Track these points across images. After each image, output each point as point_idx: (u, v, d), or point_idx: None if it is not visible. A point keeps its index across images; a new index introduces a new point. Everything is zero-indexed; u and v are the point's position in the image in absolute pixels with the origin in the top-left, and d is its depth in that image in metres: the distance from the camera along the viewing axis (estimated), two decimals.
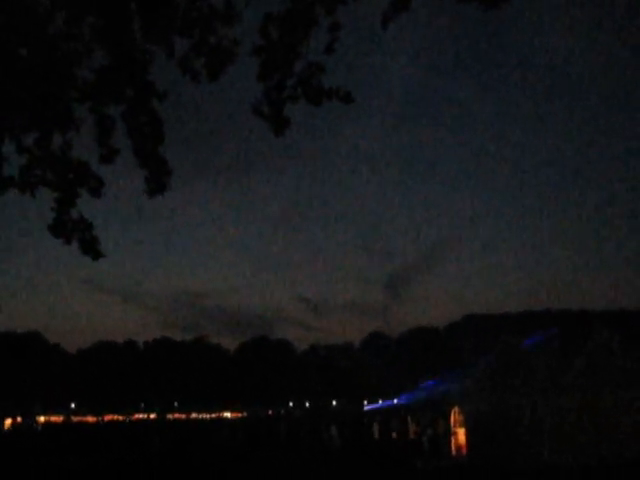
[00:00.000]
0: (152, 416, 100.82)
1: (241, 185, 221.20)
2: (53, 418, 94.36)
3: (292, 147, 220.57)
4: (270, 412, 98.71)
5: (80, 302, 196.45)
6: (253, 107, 5.23)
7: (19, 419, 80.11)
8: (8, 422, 75.97)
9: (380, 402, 50.25)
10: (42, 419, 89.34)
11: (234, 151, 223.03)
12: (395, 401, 43.84)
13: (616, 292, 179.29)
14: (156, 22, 4.93)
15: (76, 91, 5.12)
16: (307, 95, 5.20)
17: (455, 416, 30.73)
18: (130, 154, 5.41)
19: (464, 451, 29.22)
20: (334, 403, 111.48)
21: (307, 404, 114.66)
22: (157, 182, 5.48)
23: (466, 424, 29.26)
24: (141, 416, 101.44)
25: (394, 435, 41.55)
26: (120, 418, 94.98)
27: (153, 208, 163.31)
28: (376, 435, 44.50)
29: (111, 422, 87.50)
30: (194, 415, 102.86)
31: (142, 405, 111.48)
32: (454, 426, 30.74)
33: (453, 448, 30.32)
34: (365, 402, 61.43)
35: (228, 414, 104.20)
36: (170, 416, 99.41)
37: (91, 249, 5.56)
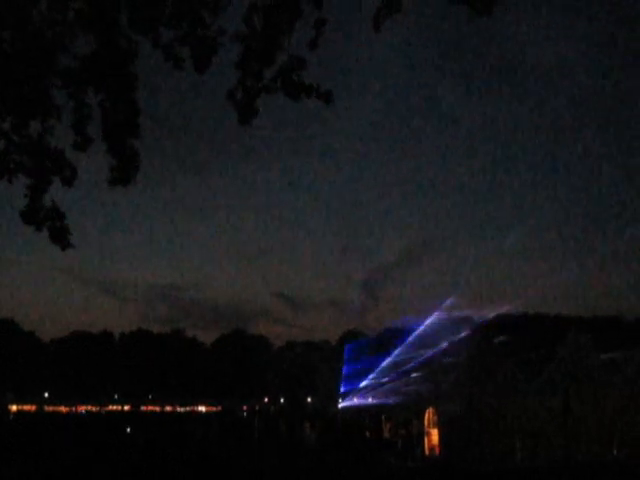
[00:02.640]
0: (126, 408, 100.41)
1: (221, 179, 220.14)
2: (26, 407, 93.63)
3: (273, 144, 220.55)
4: (245, 407, 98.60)
5: (56, 291, 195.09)
6: (228, 92, 5.17)
7: None
8: None
9: (355, 400, 50.32)
10: (14, 408, 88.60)
11: (213, 145, 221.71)
12: (370, 400, 43.92)
13: (591, 297, 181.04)
14: (144, 11, 4.88)
15: (57, 77, 5.07)
16: (286, 89, 5.17)
17: (429, 416, 30.89)
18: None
19: (437, 451, 29.40)
20: (309, 400, 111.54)
21: (282, 400, 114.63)
22: (123, 173, 5.41)
23: (440, 424, 29.43)
24: (115, 407, 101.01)
25: (368, 434, 41.64)
26: (93, 409, 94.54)
27: (132, 200, 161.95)
28: (352, 433, 44.57)
29: (86, 412, 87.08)
30: (168, 408, 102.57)
31: (116, 396, 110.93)
32: (428, 426, 30.90)
33: (427, 448, 30.48)
34: (340, 400, 61.56)
35: (203, 408, 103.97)
36: (144, 408, 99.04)
37: (60, 238, 5.48)
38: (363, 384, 50.04)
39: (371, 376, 48.66)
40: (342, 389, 51.61)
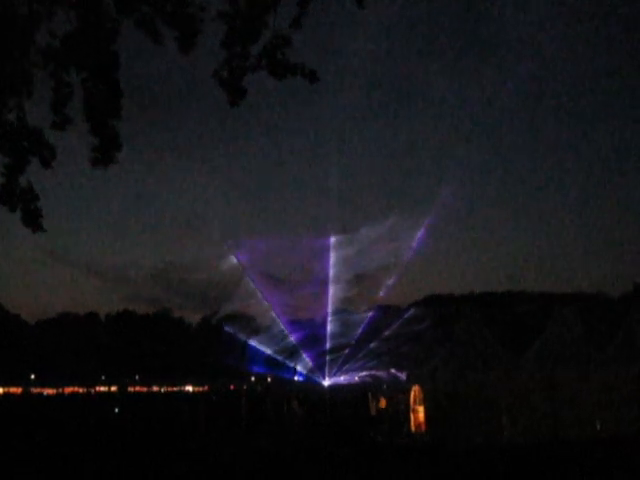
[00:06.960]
0: (113, 389, 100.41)
1: (207, 158, 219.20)
2: (12, 389, 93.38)
3: (261, 122, 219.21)
4: (232, 387, 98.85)
5: (42, 272, 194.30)
6: (214, 71, 5.09)
7: None
8: None
9: (341, 378, 50.68)
10: (0, 390, 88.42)
11: (201, 123, 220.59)
12: (356, 378, 44.17)
13: (576, 275, 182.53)
14: None
15: (37, 55, 4.94)
16: (271, 68, 5.08)
17: (415, 394, 31.05)
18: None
19: (424, 428, 29.58)
20: (296, 378, 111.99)
21: (269, 379, 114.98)
22: (105, 153, 5.33)
23: (426, 402, 29.59)
24: (102, 389, 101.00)
25: (355, 411, 41.88)
26: (80, 390, 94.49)
27: (117, 179, 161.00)
28: (338, 411, 44.81)
29: (72, 394, 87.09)
30: (155, 388, 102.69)
31: (103, 378, 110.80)
32: (414, 404, 31.07)
33: (413, 425, 30.67)
34: (327, 378, 62.07)
35: (190, 388, 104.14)
36: (131, 389, 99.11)
37: (32, 221, 5.39)
38: (352, 361, 50.45)
39: (360, 354, 49.00)
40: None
